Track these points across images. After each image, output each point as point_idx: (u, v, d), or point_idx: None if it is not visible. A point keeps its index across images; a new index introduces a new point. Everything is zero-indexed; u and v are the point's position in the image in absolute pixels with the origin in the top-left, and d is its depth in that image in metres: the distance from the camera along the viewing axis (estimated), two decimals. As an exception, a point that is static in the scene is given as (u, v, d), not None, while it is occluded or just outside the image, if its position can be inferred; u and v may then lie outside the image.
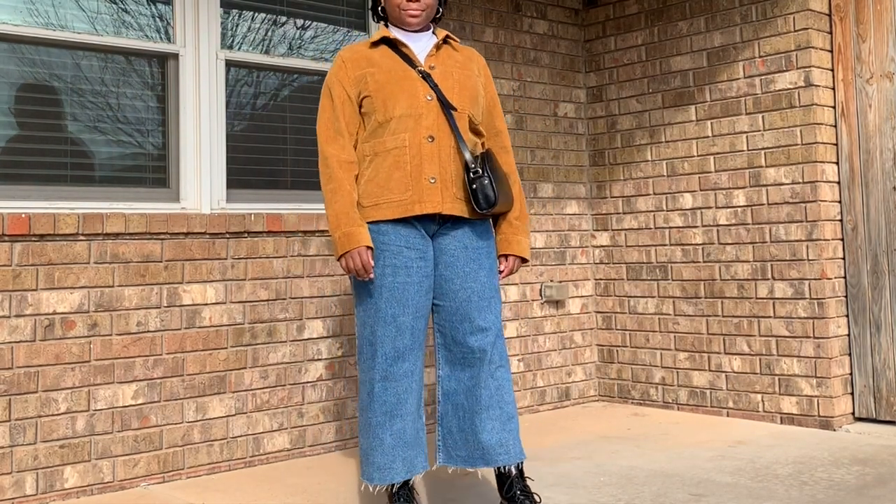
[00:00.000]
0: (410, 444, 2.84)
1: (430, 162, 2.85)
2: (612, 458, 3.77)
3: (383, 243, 2.85)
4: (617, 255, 5.11)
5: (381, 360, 2.82)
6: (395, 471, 2.81)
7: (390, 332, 2.82)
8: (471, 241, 2.93)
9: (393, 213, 2.84)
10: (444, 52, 3.00)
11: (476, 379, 2.89)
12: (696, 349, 4.74)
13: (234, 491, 3.43)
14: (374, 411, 2.82)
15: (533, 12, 5.05)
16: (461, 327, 2.89)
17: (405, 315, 2.83)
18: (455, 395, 2.92)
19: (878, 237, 4.28)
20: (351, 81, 2.92)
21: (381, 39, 2.97)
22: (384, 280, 2.83)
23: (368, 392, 2.85)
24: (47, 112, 3.55)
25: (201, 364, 3.71)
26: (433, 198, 2.84)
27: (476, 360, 2.89)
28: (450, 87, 2.91)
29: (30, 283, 3.32)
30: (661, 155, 4.92)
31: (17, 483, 3.25)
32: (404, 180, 2.84)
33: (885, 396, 4.25)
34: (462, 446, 2.91)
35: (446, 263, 2.91)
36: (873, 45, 4.32)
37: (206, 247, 3.75)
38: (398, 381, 2.82)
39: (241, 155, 4.02)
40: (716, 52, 4.70)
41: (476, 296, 2.89)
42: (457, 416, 2.91)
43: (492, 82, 3.11)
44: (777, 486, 3.28)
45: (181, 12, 3.84)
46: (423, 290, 2.86)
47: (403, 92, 2.86)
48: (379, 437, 2.82)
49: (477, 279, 2.91)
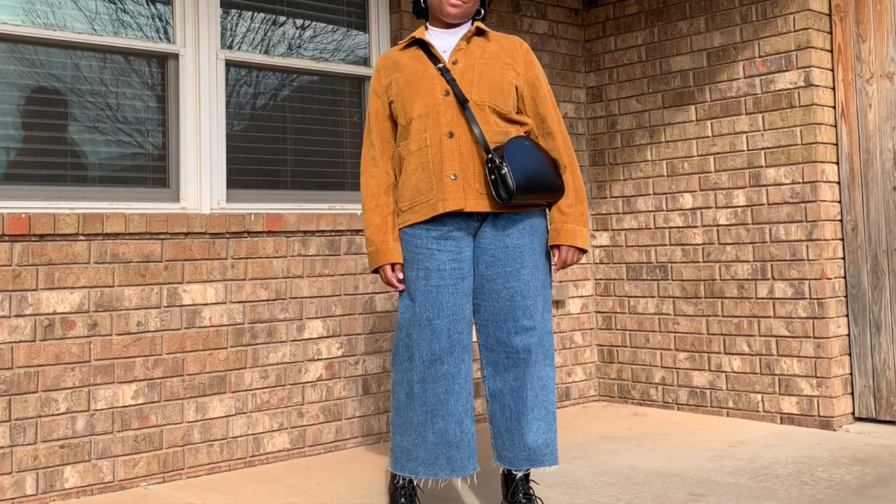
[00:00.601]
0: (454, 444, 2.80)
1: (451, 158, 2.81)
2: (612, 458, 3.77)
3: (416, 247, 2.83)
4: (617, 255, 5.11)
5: (418, 363, 2.80)
6: (440, 467, 2.79)
7: (426, 336, 2.79)
8: (512, 238, 2.87)
9: (423, 214, 2.82)
10: (475, 45, 2.93)
11: (522, 380, 2.86)
12: (696, 349, 4.74)
13: (234, 491, 3.43)
14: (415, 411, 2.81)
15: (533, 12, 5.05)
16: (505, 326, 2.85)
17: (440, 318, 2.79)
18: (502, 396, 2.89)
19: (878, 237, 4.28)
20: (383, 90, 2.96)
21: (412, 42, 2.95)
22: (418, 284, 2.82)
23: (407, 393, 2.83)
24: (47, 112, 3.54)
25: (201, 364, 3.71)
26: (455, 195, 2.79)
27: (521, 360, 2.85)
28: (469, 80, 2.85)
29: (30, 283, 3.32)
30: (661, 155, 4.92)
31: (17, 483, 3.25)
32: (429, 179, 2.82)
33: (885, 396, 4.25)
34: (509, 447, 2.88)
35: (487, 263, 2.87)
36: (873, 45, 4.32)
37: (206, 247, 3.75)
38: (437, 383, 2.79)
39: (241, 155, 4.02)
40: (716, 52, 4.70)
41: (519, 295, 2.85)
42: (504, 417, 2.89)
43: (534, 67, 2.96)
44: (777, 486, 3.28)
45: (181, 12, 3.84)
46: (458, 292, 2.82)
47: (420, 92, 2.84)
48: (422, 434, 2.80)
49: (519, 277, 2.85)
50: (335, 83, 4.36)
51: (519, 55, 2.95)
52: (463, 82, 2.84)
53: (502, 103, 2.86)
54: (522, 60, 2.94)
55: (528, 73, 2.94)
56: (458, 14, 2.90)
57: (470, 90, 2.84)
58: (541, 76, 2.97)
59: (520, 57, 2.95)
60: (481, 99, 2.83)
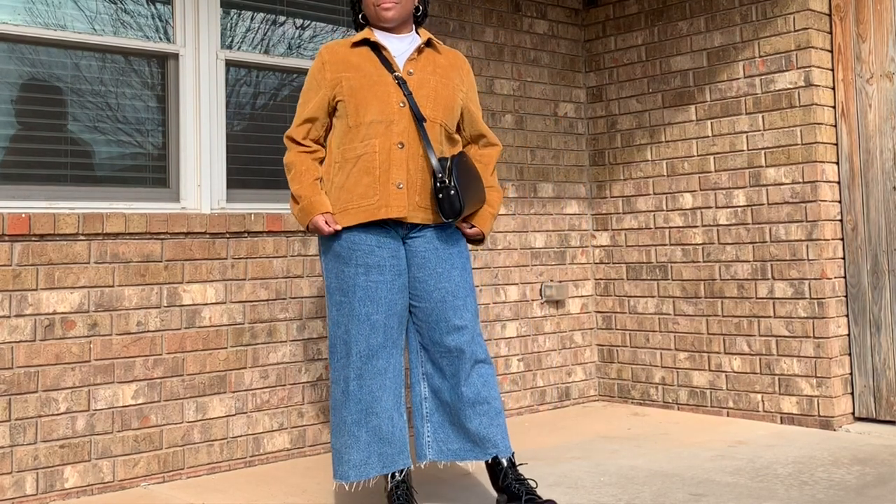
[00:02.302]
0: (387, 440, 2.87)
1: (399, 168, 2.87)
2: (612, 458, 3.77)
3: (354, 243, 2.88)
4: (617, 255, 5.11)
5: (355, 359, 2.85)
6: (371, 466, 2.85)
7: (364, 331, 2.85)
8: (441, 242, 2.97)
9: (360, 217, 2.86)
10: (426, 57, 3.01)
11: (457, 377, 2.93)
12: (696, 349, 4.74)
13: (234, 491, 3.43)
14: (350, 409, 2.86)
15: (533, 12, 5.05)
16: (437, 327, 2.93)
17: (378, 313, 2.86)
18: (440, 393, 2.97)
19: (878, 237, 4.28)
20: (329, 83, 2.95)
21: (363, 40, 2.98)
22: (357, 279, 2.86)
23: (343, 390, 2.88)
24: (47, 112, 3.54)
25: (201, 364, 3.71)
26: (399, 202, 2.86)
27: (455, 359, 2.93)
28: (425, 96, 2.92)
29: (30, 282, 3.32)
30: (661, 155, 4.92)
31: (17, 483, 3.25)
32: (372, 185, 2.86)
33: (885, 396, 4.25)
34: (454, 439, 2.96)
35: (418, 265, 2.95)
36: (873, 45, 4.32)
37: (206, 247, 3.75)
38: (373, 379, 2.86)
39: (241, 155, 4.02)
40: (716, 52, 4.70)
41: (451, 295, 2.94)
42: (444, 412, 2.97)
43: (474, 88, 3.13)
44: (777, 486, 3.28)
45: (181, 12, 3.84)
46: (395, 288, 2.90)
47: (376, 97, 2.88)
48: (354, 434, 2.85)
49: (450, 279, 2.95)
50: (335, 83, 4.35)
51: (464, 75, 3.08)
52: (419, 97, 2.92)
53: (451, 123, 3.00)
54: (467, 81, 3.09)
55: (470, 93, 3.10)
56: (393, 17, 2.96)
57: (425, 106, 2.91)
58: (475, 92, 3.14)
59: (465, 77, 3.08)
60: (434, 116, 2.93)
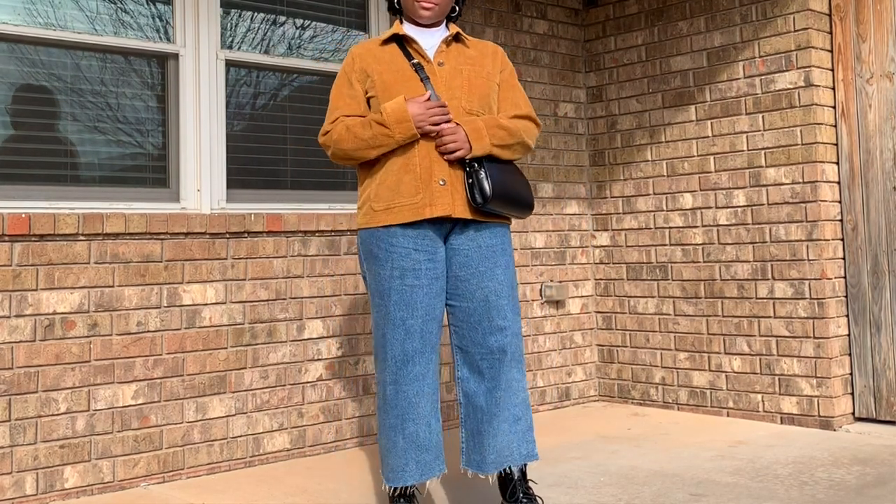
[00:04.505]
0: (424, 447, 2.80)
1: (440, 164, 2.82)
2: (612, 458, 3.77)
3: (392, 245, 2.82)
4: (617, 255, 5.11)
5: (390, 363, 2.80)
6: (409, 473, 2.78)
7: (399, 335, 2.79)
8: (484, 239, 2.89)
9: (405, 216, 2.80)
10: (455, 49, 2.96)
11: (496, 380, 2.86)
12: (696, 349, 4.74)
13: (234, 491, 3.43)
14: (388, 413, 2.81)
15: (533, 12, 5.05)
16: (480, 327, 2.85)
17: (413, 318, 2.79)
18: (474, 397, 2.88)
19: (878, 237, 4.28)
20: (357, 76, 2.91)
21: (392, 37, 2.95)
22: (392, 283, 2.80)
23: (382, 394, 2.84)
24: (47, 112, 3.54)
25: (201, 364, 3.71)
26: (444, 200, 2.80)
27: (496, 361, 2.85)
28: (458, 86, 2.88)
29: (30, 283, 3.32)
30: (661, 155, 4.92)
31: (17, 483, 3.25)
32: (414, 183, 2.81)
33: (885, 396, 4.25)
34: (477, 450, 2.88)
35: (460, 263, 2.87)
36: (873, 45, 4.32)
37: (206, 247, 3.75)
38: (409, 385, 2.79)
39: (241, 155, 4.02)
40: (716, 52, 4.70)
41: (494, 294, 2.86)
42: (475, 419, 2.88)
43: (514, 74, 3.05)
44: (777, 486, 3.28)
45: (181, 12, 3.84)
46: (432, 292, 2.82)
47: (411, 92, 2.83)
48: (392, 439, 2.80)
49: (493, 277, 2.87)
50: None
51: (499, 62, 3.02)
52: (452, 87, 2.88)
53: (488, 112, 2.93)
54: (505, 69, 3.03)
55: (511, 80, 3.04)
56: (431, 16, 2.93)
57: (460, 97, 2.87)
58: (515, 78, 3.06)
59: (501, 64, 3.03)
60: (470, 107, 2.88)
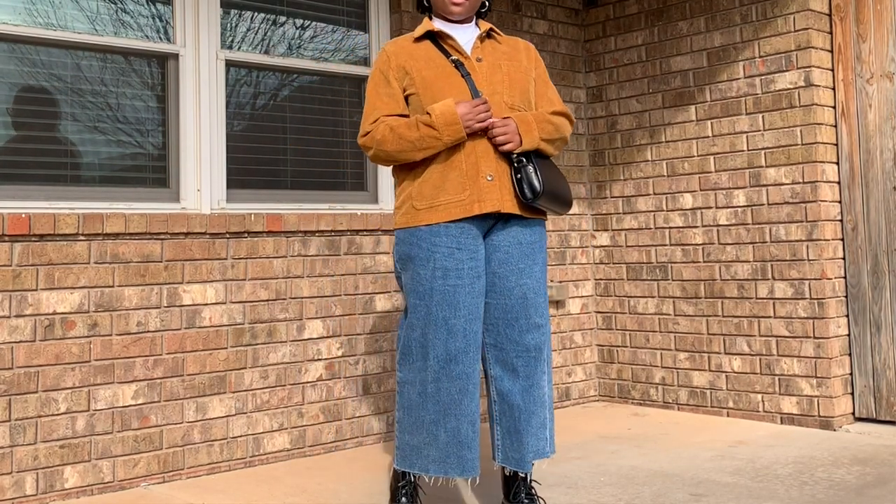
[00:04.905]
0: (466, 444, 2.77)
1: (487, 159, 2.79)
2: (612, 458, 3.77)
3: (434, 245, 2.78)
4: (617, 255, 5.11)
5: (433, 362, 2.76)
6: (451, 465, 2.76)
7: (441, 335, 2.75)
8: (524, 235, 2.88)
9: (450, 214, 2.77)
10: (489, 45, 2.95)
11: (532, 378, 2.85)
12: (696, 349, 4.74)
13: (234, 491, 3.43)
14: (428, 410, 2.77)
15: (533, 12, 5.05)
16: (517, 324, 2.83)
17: (456, 318, 2.76)
18: (510, 396, 2.86)
19: (878, 237, 4.28)
20: (395, 74, 2.87)
21: (425, 34, 2.92)
22: (434, 283, 2.76)
23: (420, 392, 2.79)
24: (47, 112, 3.55)
25: (201, 364, 3.71)
26: (492, 196, 2.78)
27: (532, 359, 2.84)
28: (499, 81, 2.86)
29: (30, 283, 3.32)
30: (661, 155, 4.92)
31: (17, 483, 3.25)
32: (460, 180, 2.78)
33: (885, 396, 4.25)
34: (516, 447, 2.86)
35: (500, 260, 2.86)
36: (873, 45, 4.32)
37: (206, 247, 3.75)
38: (452, 383, 2.76)
39: (241, 155, 4.02)
40: (716, 52, 4.70)
41: (532, 292, 2.85)
42: (512, 417, 2.86)
43: (545, 70, 3.06)
44: (777, 486, 3.28)
45: (181, 12, 3.84)
46: (474, 291, 2.79)
47: (453, 88, 2.81)
48: (433, 433, 2.77)
49: (532, 275, 2.86)
50: (335, 83, 4.36)
51: (532, 57, 3.03)
52: (494, 83, 2.86)
53: (528, 107, 2.92)
54: (538, 64, 3.04)
55: (544, 75, 3.05)
56: (462, 12, 2.91)
57: (502, 92, 2.85)
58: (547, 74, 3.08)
59: (533, 60, 3.03)
60: (512, 102, 2.87)
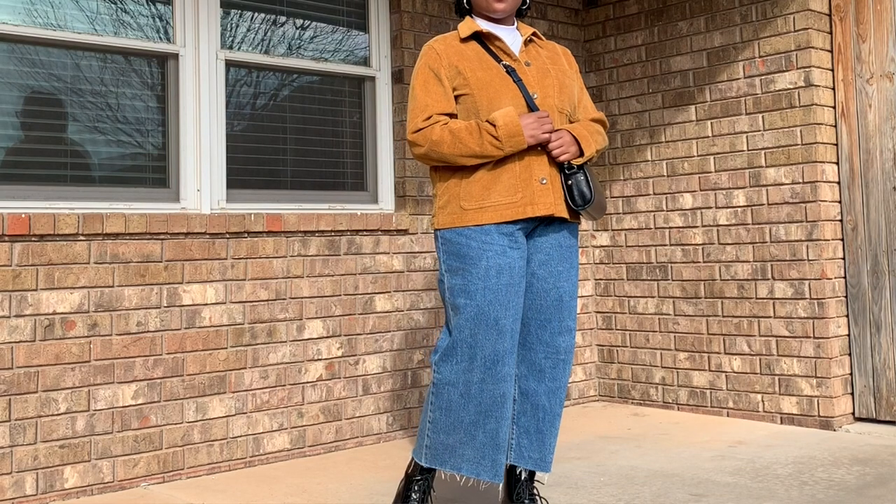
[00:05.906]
0: (501, 448, 2.75)
1: (540, 163, 2.78)
2: (612, 458, 3.77)
3: (486, 243, 2.74)
4: (617, 255, 5.11)
5: (479, 363, 2.71)
6: (484, 468, 2.73)
7: (491, 336, 2.71)
8: (564, 238, 2.88)
9: (502, 216, 2.75)
10: (533, 48, 2.95)
11: (559, 381, 2.85)
12: (696, 349, 4.74)
13: (234, 491, 3.43)
14: (468, 410, 2.73)
15: (533, 12, 5.05)
16: (549, 326, 2.84)
17: (507, 318, 2.72)
18: (535, 396, 2.85)
19: (878, 237, 4.28)
20: (446, 72, 2.83)
21: (472, 35, 2.89)
22: (488, 282, 2.71)
23: (463, 393, 2.74)
24: (47, 112, 3.55)
25: (201, 364, 3.71)
26: (545, 199, 2.77)
27: (560, 361, 2.85)
28: (550, 85, 2.87)
29: (30, 283, 3.32)
30: (661, 155, 4.92)
31: (17, 483, 3.25)
32: (512, 181, 2.76)
33: (885, 396, 4.25)
34: (537, 448, 2.85)
35: (540, 262, 2.85)
36: (873, 45, 4.32)
37: (206, 247, 3.75)
38: (496, 384, 2.72)
39: (241, 155, 4.02)
40: (716, 52, 4.70)
41: (567, 295, 2.86)
42: (535, 418, 2.84)
43: (580, 74, 3.08)
44: (777, 486, 3.28)
45: (181, 12, 3.84)
46: (520, 291, 2.78)
47: (508, 92, 2.80)
48: (471, 433, 2.73)
49: (569, 278, 2.87)
50: (335, 83, 4.36)
51: (570, 63, 3.05)
52: (545, 87, 2.86)
53: (573, 112, 2.95)
54: (574, 68, 3.05)
55: (579, 80, 3.07)
56: (505, 9, 2.88)
57: (553, 96, 2.86)
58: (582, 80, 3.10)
59: (572, 66, 3.06)
60: (562, 107, 2.88)
